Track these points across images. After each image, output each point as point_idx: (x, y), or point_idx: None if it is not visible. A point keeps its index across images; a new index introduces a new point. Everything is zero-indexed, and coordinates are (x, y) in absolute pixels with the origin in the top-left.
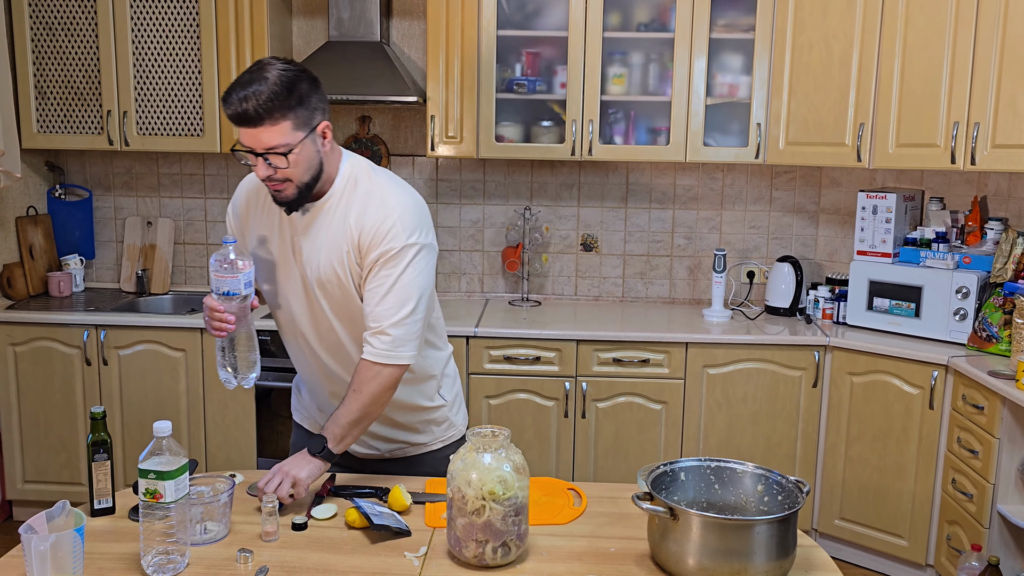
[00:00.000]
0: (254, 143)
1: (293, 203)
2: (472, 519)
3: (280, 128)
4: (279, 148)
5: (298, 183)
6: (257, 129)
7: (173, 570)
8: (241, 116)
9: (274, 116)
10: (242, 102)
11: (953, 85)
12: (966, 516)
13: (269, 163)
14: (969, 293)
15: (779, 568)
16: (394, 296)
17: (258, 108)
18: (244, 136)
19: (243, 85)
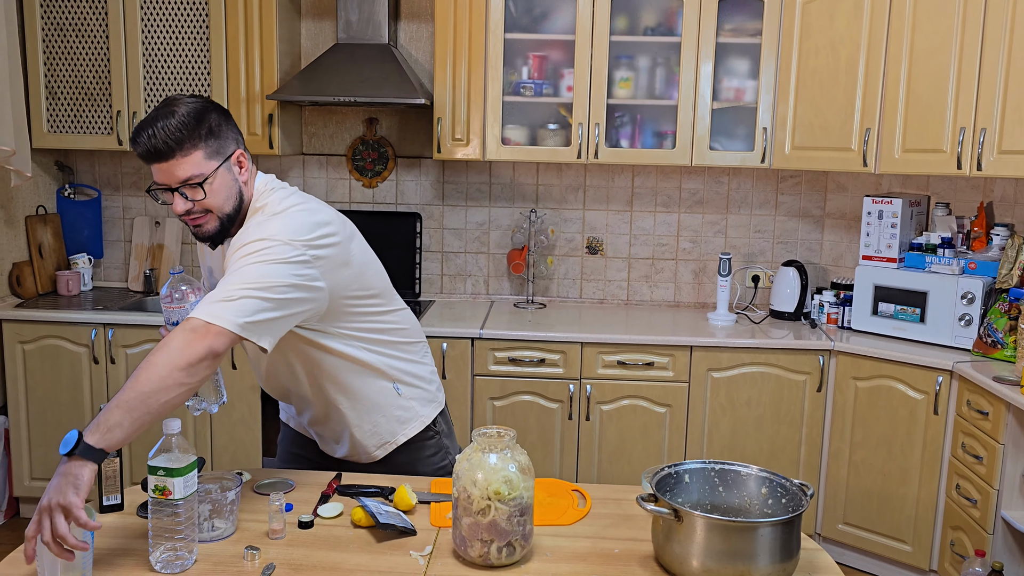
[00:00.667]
0: (168, 178)
1: (216, 236)
2: (477, 519)
3: (192, 159)
4: (194, 179)
5: (219, 214)
6: (169, 163)
7: (181, 566)
8: (151, 151)
9: (184, 147)
10: (151, 138)
11: (960, 90)
12: (970, 522)
13: (185, 196)
14: (974, 299)
15: (783, 571)
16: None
17: (167, 140)
18: (158, 173)
19: (150, 122)
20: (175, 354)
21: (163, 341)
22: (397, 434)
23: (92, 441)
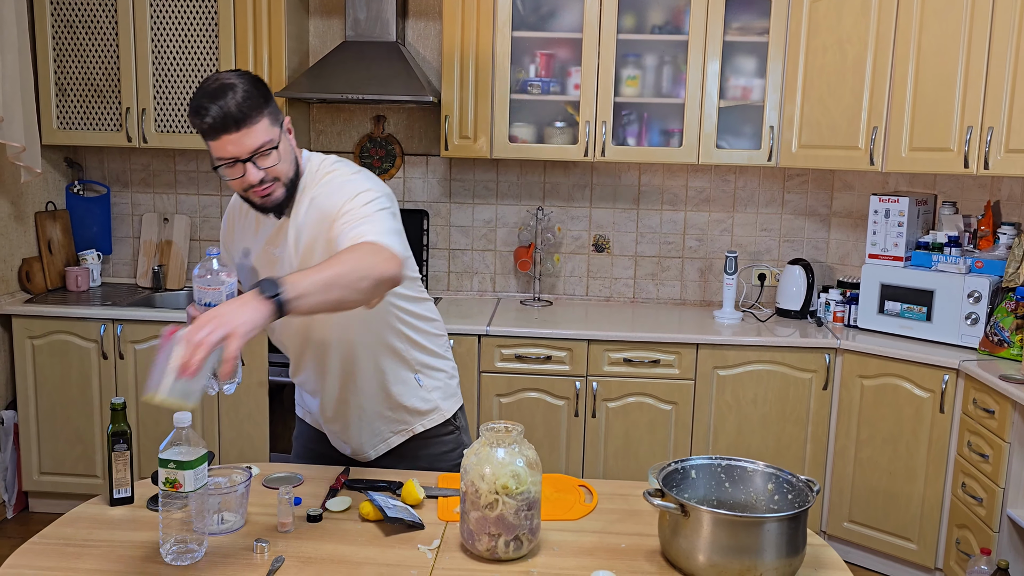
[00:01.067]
0: (239, 149)
1: (283, 204)
2: (485, 513)
3: (262, 126)
4: (265, 146)
5: (284, 180)
6: (241, 133)
7: (191, 559)
8: (223, 122)
9: (254, 115)
10: (223, 108)
11: (967, 89)
12: (976, 520)
13: (257, 166)
14: (981, 297)
15: (788, 566)
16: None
17: (241, 108)
18: (226, 147)
19: (212, 95)
20: (376, 266)
21: (364, 248)
22: (414, 424)
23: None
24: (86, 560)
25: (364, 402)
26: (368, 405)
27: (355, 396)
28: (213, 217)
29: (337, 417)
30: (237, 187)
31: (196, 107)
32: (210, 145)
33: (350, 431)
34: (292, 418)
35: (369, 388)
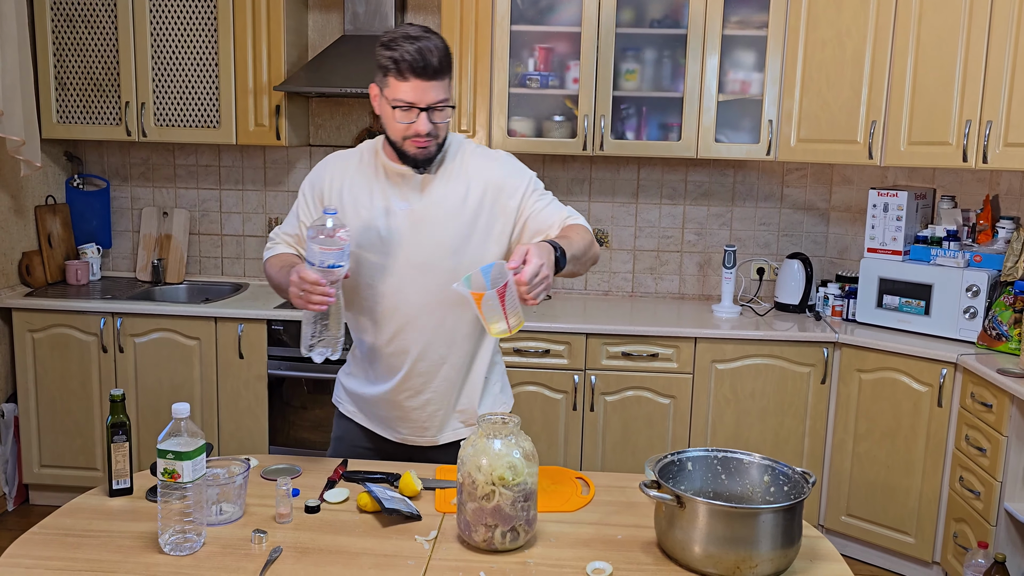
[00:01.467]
0: (421, 96)
1: (432, 160)
2: (482, 504)
3: (446, 84)
4: (443, 103)
5: (439, 141)
6: (430, 83)
7: (190, 549)
8: (422, 66)
9: (445, 72)
10: (428, 53)
11: (966, 83)
12: (973, 514)
13: (429, 119)
14: (979, 291)
15: (784, 557)
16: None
17: (440, 61)
18: (412, 91)
19: (416, 39)
20: (596, 250)
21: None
22: None
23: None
24: (85, 550)
25: (447, 383)
26: (449, 387)
27: (440, 378)
28: (212, 211)
29: (412, 397)
30: (400, 131)
31: (398, 44)
32: (394, 84)
33: (423, 411)
34: (292, 412)
35: (455, 372)
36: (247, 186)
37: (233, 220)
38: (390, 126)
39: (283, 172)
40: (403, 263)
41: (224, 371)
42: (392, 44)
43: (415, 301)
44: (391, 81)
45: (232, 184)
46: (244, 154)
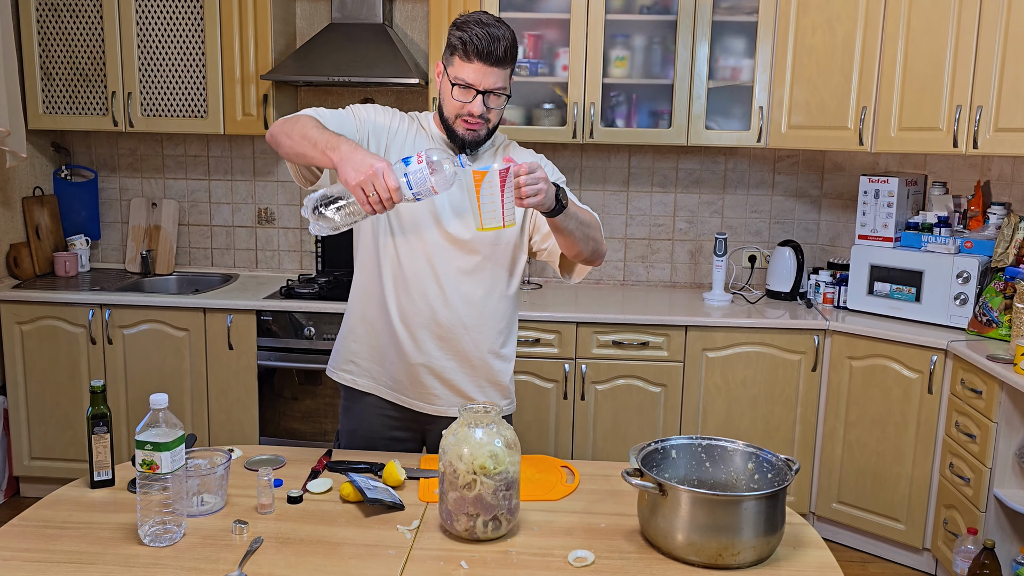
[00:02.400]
0: (481, 79)
1: (480, 143)
2: (463, 493)
3: (507, 73)
4: (502, 91)
5: (490, 127)
6: (494, 69)
7: (170, 540)
8: (489, 51)
9: (509, 62)
10: (496, 41)
11: (956, 68)
12: (963, 500)
13: (485, 103)
14: (970, 278)
15: (767, 544)
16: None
17: (508, 50)
18: (474, 71)
19: (487, 25)
20: (602, 242)
21: (597, 224)
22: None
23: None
24: (64, 542)
25: (469, 350)
26: (473, 354)
27: (464, 342)
28: (201, 202)
29: (436, 359)
30: (455, 109)
31: (469, 27)
32: (458, 63)
33: (444, 376)
34: (282, 403)
35: (479, 341)
36: (236, 176)
37: (223, 210)
38: (446, 103)
39: (272, 162)
40: (436, 232)
41: (214, 362)
42: (464, 26)
43: (431, 271)
44: (456, 60)
45: (221, 174)
46: (232, 144)
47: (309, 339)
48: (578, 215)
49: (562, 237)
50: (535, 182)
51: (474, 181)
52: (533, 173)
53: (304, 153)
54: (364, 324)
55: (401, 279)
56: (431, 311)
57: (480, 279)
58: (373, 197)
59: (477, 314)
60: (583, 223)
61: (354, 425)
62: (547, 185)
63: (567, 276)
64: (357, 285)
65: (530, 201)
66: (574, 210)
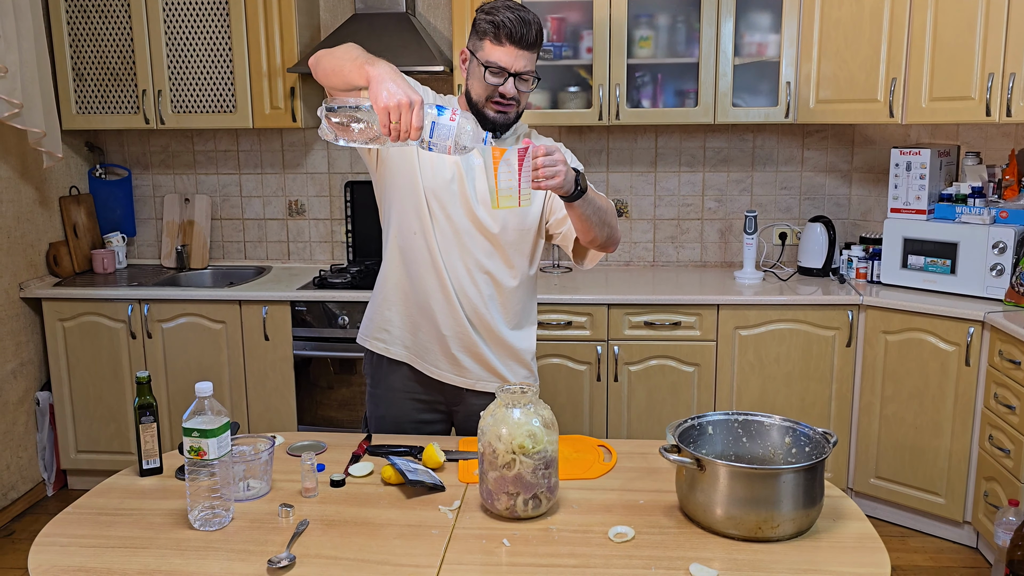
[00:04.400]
0: (511, 62)
1: (508, 125)
2: (503, 472)
3: (534, 57)
4: (531, 74)
5: (519, 109)
6: (524, 52)
7: (219, 524)
8: (521, 35)
9: (538, 46)
10: (525, 24)
11: (988, 35)
12: (1003, 472)
13: (515, 85)
14: (1006, 248)
15: (806, 517)
16: None
17: (537, 35)
18: (507, 55)
19: (517, 10)
20: (617, 228)
21: (614, 211)
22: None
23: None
24: (118, 528)
25: (494, 324)
26: (496, 330)
27: (490, 315)
28: (233, 196)
29: (465, 331)
30: (484, 92)
31: (499, 11)
32: (489, 47)
33: (473, 350)
34: (319, 392)
35: (503, 316)
36: (266, 169)
37: (254, 204)
38: (475, 87)
39: (301, 154)
40: (462, 212)
41: (250, 353)
42: (493, 11)
43: (461, 243)
44: (487, 44)
45: (251, 168)
46: (261, 138)
47: (343, 328)
48: (595, 201)
49: (579, 222)
50: (553, 163)
51: (493, 159)
52: (551, 155)
53: (341, 68)
54: (398, 292)
55: (434, 252)
56: (460, 285)
57: (501, 260)
58: (395, 125)
59: (498, 293)
60: (600, 208)
61: (382, 411)
62: (565, 167)
63: (580, 262)
64: (391, 256)
65: (547, 183)
66: (591, 195)
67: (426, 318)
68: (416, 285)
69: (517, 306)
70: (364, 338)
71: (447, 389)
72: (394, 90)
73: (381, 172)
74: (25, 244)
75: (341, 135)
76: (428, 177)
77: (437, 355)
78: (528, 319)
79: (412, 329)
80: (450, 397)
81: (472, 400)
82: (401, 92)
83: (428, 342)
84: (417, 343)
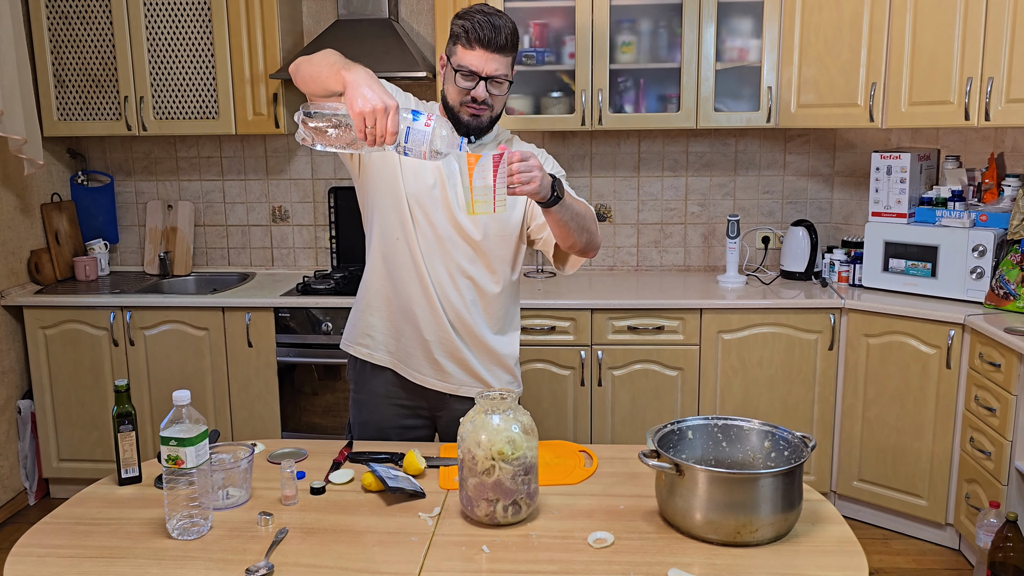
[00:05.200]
0: (482, 65)
1: (483, 130)
2: (482, 479)
3: (509, 61)
4: (503, 78)
5: (493, 114)
6: (496, 56)
7: (197, 533)
8: (492, 40)
9: (511, 50)
10: (497, 29)
11: (966, 40)
12: (984, 474)
13: (487, 88)
14: (986, 251)
15: (784, 521)
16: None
17: (509, 38)
18: (478, 59)
19: (489, 15)
20: (597, 234)
21: (593, 216)
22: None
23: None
24: (96, 537)
25: (477, 329)
26: (479, 335)
27: (472, 320)
28: (216, 202)
29: (448, 336)
30: (458, 96)
31: (471, 16)
32: (461, 51)
33: (456, 355)
34: (303, 398)
35: (486, 320)
36: (249, 176)
37: (237, 210)
38: (450, 91)
39: (284, 160)
40: (444, 218)
41: (234, 360)
42: (466, 15)
43: (444, 249)
44: (459, 49)
45: (235, 174)
46: (245, 144)
47: (327, 334)
48: (573, 207)
49: (557, 227)
50: (528, 170)
51: (468, 165)
52: (526, 161)
53: (319, 74)
54: (381, 298)
55: (416, 258)
56: (443, 291)
57: (483, 266)
58: (370, 130)
59: (481, 298)
60: (578, 214)
61: (365, 417)
62: (541, 173)
63: (561, 267)
64: (374, 261)
65: (523, 188)
66: (569, 201)
67: (409, 323)
68: (399, 291)
69: (500, 311)
70: (348, 344)
71: (430, 394)
72: (369, 95)
73: (364, 178)
74: (6, 252)
75: (318, 140)
76: (410, 183)
77: (420, 360)
78: (511, 324)
79: (395, 334)
80: (433, 402)
81: (455, 405)
82: (376, 97)
83: (411, 347)
84: (400, 348)
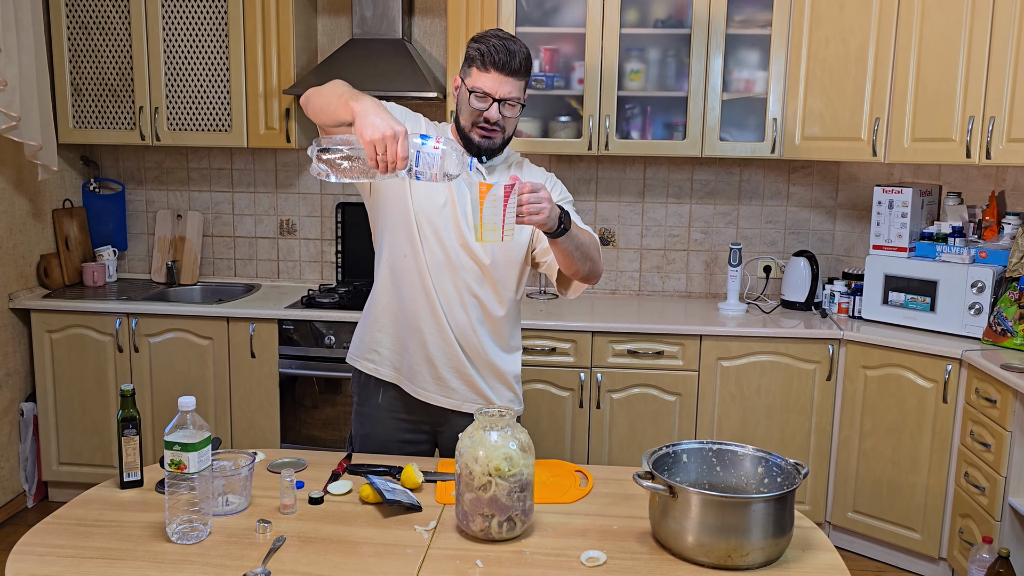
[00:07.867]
0: (496, 88)
1: (494, 151)
2: (479, 494)
3: (522, 84)
4: (516, 101)
5: (505, 136)
6: (510, 79)
7: (196, 538)
8: (506, 64)
9: (524, 74)
10: (512, 53)
11: (969, 79)
12: (978, 509)
13: (500, 111)
14: (984, 288)
15: (775, 546)
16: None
17: (523, 63)
18: (491, 80)
19: (504, 39)
20: (599, 264)
21: (597, 244)
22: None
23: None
24: (96, 539)
25: (482, 346)
26: (483, 353)
27: (478, 338)
28: (225, 213)
29: (453, 353)
30: (471, 117)
31: (487, 39)
32: (476, 73)
33: (461, 371)
34: (303, 411)
35: (491, 339)
36: (259, 188)
37: (245, 222)
38: (463, 112)
39: (293, 174)
40: (454, 237)
41: (236, 370)
42: (482, 39)
43: (451, 268)
44: (474, 71)
45: (244, 187)
46: (255, 157)
47: (330, 347)
48: (578, 237)
49: (561, 256)
50: (538, 201)
51: (479, 193)
52: (537, 192)
53: (328, 105)
54: (388, 314)
55: (424, 275)
56: (450, 309)
57: (490, 288)
58: (382, 157)
59: (487, 319)
60: (582, 244)
61: (367, 429)
62: (550, 205)
63: (564, 291)
64: (383, 278)
65: (531, 219)
66: (575, 231)
67: (416, 340)
68: (406, 307)
69: (505, 330)
70: (354, 358)
71: (432, 410)
72: (378, 123)
73: (374, 197)
74: (16, 255)
75: (333, 172)
76: (420, 201)
77: (425, 377)
78: (514, 342)
79: (401, 351)
80: (435, 418)
81: (457, 421)
82: (385, 124)
83: (417, 364)
84: (406, 365)
